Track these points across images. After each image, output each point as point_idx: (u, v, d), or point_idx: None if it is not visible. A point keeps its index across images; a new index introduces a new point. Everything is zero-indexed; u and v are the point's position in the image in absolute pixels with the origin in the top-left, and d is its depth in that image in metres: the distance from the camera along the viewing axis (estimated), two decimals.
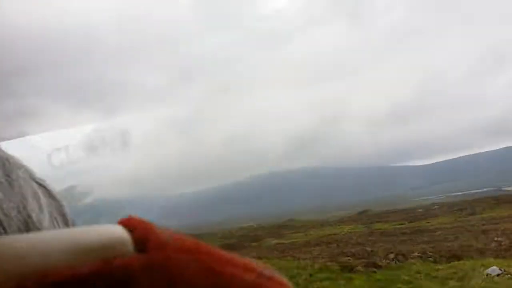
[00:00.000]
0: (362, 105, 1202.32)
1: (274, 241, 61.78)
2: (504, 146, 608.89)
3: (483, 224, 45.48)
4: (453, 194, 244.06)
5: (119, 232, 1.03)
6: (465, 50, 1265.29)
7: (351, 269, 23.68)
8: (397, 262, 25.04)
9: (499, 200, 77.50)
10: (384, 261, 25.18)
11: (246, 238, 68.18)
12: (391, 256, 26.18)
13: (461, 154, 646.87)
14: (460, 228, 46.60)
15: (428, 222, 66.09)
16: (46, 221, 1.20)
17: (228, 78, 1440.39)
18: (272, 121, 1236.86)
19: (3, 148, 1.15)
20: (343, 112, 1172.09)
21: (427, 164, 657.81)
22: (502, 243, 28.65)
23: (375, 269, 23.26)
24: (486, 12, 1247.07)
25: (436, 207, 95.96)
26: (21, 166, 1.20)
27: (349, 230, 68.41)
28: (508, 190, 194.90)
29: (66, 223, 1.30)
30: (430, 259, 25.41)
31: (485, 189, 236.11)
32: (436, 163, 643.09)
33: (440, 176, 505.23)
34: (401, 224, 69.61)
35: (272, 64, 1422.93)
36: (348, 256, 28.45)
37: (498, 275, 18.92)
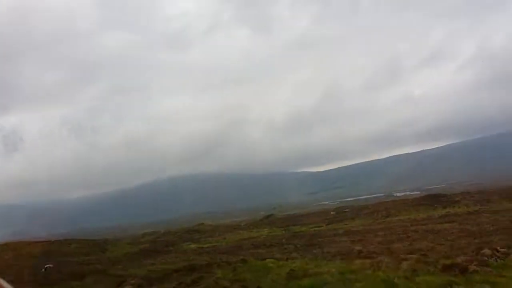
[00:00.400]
0: (263, 111, 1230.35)
1: (193, 245, 59.94)
2: (392, 154, 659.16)
3: (412, 225, 47.84)
4: (347, 199, 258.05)
5: None
6: (363, 63, 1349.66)
7: None
8: None
9: (407, 203, 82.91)
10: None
11: (158, 244, 65.29)
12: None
13: (353, 162, 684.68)
14: (388, 228, 47.93)
15: (346, 224, 68.66)
16: None
17: (129, 79, 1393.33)
18: (174, 124, 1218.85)
19: None
20: (245, 118, 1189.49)
21: (322, 170, 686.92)
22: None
23: None
24: (385, 28, 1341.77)
25: (347, 210, 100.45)
26: None
27: (269, 233, 69.34)
28: (398, 196, 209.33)
29: None
30: None
31: (376, 195, 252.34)
32: (330, 170, 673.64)
33: (333, 182, 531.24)
34: (319, 226, 72.08)
35: (176, 66, 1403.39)
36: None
37: None
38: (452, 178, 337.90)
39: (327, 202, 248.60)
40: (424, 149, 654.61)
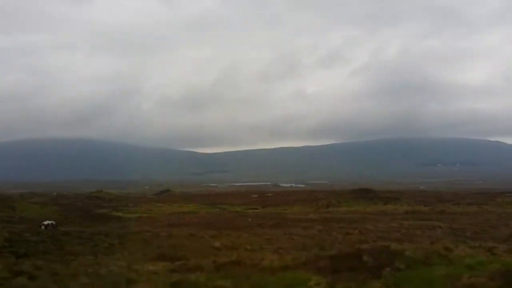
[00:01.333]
0: (157, 85, 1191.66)
1: (128, 215, 54.47)
2: (278, 146, 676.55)
3: (393, 219, 43.64)
4: (235, 183, 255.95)
5: None
6: (264, 51, 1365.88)
7: None
8: None
9: (343, 195, 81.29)
10: None
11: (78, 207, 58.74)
12: None
13: (242, 148, 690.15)
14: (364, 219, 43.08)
15: (286, 210, 64.30)
16: None
17: (21, 27, 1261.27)
18: (61, 83, 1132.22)
19: None
20: (138, 89, 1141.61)
21: (208, 152, 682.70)
22: None
23: None
24: (289, 22, 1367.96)
25: (269, 194, 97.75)
26: None
27: (204, 210, 64.21)
28: (284, 186, 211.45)
29: None
30: None
31: (262, 183, 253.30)
32: (216, 153, 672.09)
33: (219, 165, 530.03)
34: (255, 208, 67.48)
35: (72, 20, 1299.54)
36: None
37: None
38: (332, 175, 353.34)
39: (215, 184, 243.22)
40: (308, 145, 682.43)
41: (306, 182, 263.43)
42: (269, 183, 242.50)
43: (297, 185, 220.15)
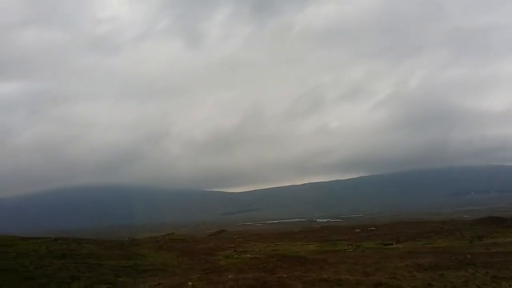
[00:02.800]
0: (184, 128, 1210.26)
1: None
2: (306, 182, 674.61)
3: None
4: (269, 221, 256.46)
5: None
6: (286, 91, 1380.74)
7: None
8: None
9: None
10: None
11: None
12: None
13: (270, 186, 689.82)
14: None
15: (429, 244, 60.09)
16: None
17: (48, 79, 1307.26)
18: (91, 132, 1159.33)
19: None
20: (165, 132, 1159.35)
21: (236, 192, 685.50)
22: None
23: None
24: (310, 60, 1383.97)
25: (372, 228, 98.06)
26: None
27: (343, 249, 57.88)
28: (320, 222, 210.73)
29: None
30: None
31: (297, 219, 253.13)
32: (245, 192, 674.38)
33: (249, 204, 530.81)
34: (389, 244, 62.53)
35: (99, 71, 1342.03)
36: None
37: None
38: (365, 208, 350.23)
39: (249, 223, 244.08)
40: (337, 179, 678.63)
41: (340, 216, 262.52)
42: (304, 219, 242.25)
43: (334, 220, 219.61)
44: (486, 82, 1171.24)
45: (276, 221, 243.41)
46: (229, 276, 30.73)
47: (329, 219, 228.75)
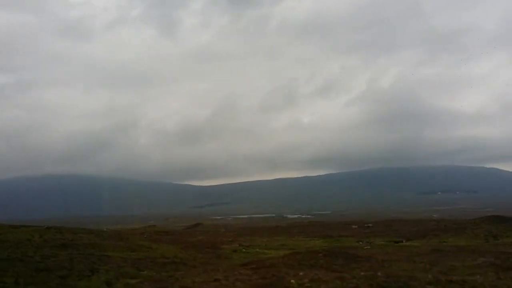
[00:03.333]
0: (155, 118, 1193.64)
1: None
2: (277, 177, 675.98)
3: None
4: (239, 216, 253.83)
5: None
6: (261, 84, 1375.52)
7: None
8: None
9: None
10: None
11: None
12: None
13: (240, 180, 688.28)
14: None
15: (444, 241, 57.98)
16: None
17: (15, 63, 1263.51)
18: (57, 119, 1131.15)
19: None
20: (135, 122, 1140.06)
21: (206, 185, 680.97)
22: None
23: None
24: (286, 53, 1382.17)
25: (369, 225, 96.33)
26: None
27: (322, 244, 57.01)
28: (290, 218, 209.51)
29: None
30: None
31: (267, 215, 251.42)
32: (214, 185, 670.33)
33: (219, 198, 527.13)
34: (399, 241, 60.58)
35: (69, 57, 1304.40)
36: None
37: None
38: (334, 205, 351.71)
39: (219, 217, 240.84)
40: (307, 175, 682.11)
41: (311, 213, 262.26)
42: (274, 215, 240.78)
43: (304, 216, 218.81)
44: (459, 82, 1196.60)
45: (246, 216, 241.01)
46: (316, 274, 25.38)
47: (299, 215, 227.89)
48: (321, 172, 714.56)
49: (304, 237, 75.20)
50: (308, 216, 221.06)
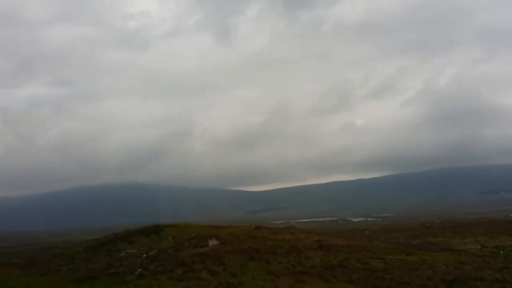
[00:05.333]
0: (208, 126, 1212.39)
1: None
2: (331, 181, 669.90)
3: None
4: (301, 220, 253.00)
5: None
6: (313, 88, 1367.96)
7: None
8: None
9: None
10: None
11: None
12: None
13: (293, 185, 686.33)
14: None
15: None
16: None
17: (75, 75, 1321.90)
18: (115, 129, 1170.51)
19: None
20: (189, 130, 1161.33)
21: (259, 191, 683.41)
22: None
23: None
24: (340, 55, 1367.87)
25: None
26: None
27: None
28: (355, 221, 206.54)
29: None
30: None
31: (329, 218, 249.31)
32: (268, 190, 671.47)
33: (273, 203, 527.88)
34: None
35: (126, 67, 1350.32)
36: None
37: None
38: (393, 208, 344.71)
39: (280, 222, 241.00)
40: (361, 178, 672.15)
41: (372, 215, 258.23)
42: (336, 218, 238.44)
43: (366, 219, 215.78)
44: None
45: (308, 220, 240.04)
46: None
47: (361, 218, 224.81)
48: (375, 174, 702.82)
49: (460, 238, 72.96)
50: (371, 219, 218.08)
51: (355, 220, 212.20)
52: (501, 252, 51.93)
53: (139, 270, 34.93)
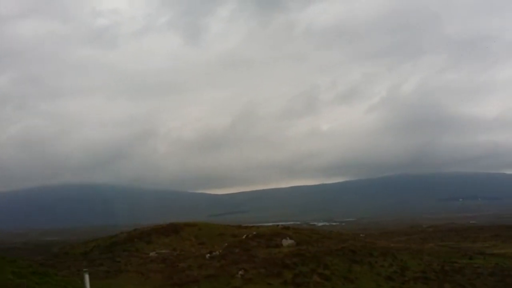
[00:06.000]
0: (174, 127, 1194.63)
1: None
2: (293, 185, 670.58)
3: None
4: (265, 224, 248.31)
5: None
6: (282, 91, 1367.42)
7: None
8: None
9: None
10: None
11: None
12: None
13: (255, 188, 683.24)
14: None
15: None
16: None
17: (39, 72, 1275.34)
18: (78, 128, 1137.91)
19: None
20: (154, 131, 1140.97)
21: (221, 194, 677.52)
22: None
23: None
24: (310, 60, 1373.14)
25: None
26: None
27: None
28: (315, 224, 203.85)
29: None
30: None
31: (292, 222, 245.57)
32: (230, 193, 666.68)
33: (236, 206, 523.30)
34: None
35: (93, 65, 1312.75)
36: None
37: None
38: (355, 213, 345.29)
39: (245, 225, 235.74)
40: (323, 183, 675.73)
41: (334, 220, 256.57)
42: (299, 222, 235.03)
43: (330, 224, 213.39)
44: (481, 88, 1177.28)
45: (271, 223, 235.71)
46: None
47: (325, 223, 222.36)
48: (338, 179, 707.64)
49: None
50: (333, 223, 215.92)
51: (319, 224, 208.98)
52: None
53: (240, 272, 33.20)
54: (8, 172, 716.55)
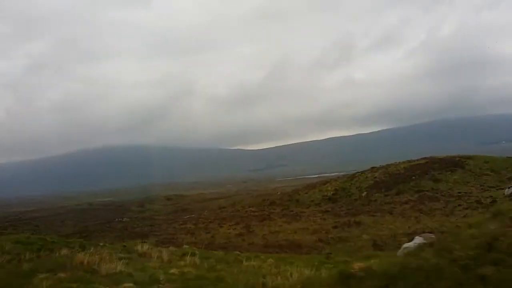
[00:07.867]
0: (209, 84, 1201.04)
1: None
2: (330, 137, 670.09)
3: None
4: (307, 176, 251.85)
5: None
6: (315, 41, 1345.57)
7: None
8: None
9: None
10: None
11: None
12: None
13: (292, 142, 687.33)
14: None
15: None
16: None
17: (75, 36, 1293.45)
18: (115, 90, 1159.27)
19: None
20: (190, 90, 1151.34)
21: (258, 149, 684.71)
22: None
23: None
24: (342, 8, 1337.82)
25: None
26: None
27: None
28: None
29: None
30: None
31: (335, 173, 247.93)
32: (268, 148, 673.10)
33: (274, 160, 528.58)
34: None
35: (127, 27, 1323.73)
36: None
37: None
38: (392, 160, 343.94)
39: (290, 178, 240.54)
40: (360, 133, 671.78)
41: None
42: (343, 173, 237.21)
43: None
44: None
45: (314, 176, 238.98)
46: None
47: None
48: (376, 128, 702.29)
49: None
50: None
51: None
52: None
53: None
54: (49, 138, 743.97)
